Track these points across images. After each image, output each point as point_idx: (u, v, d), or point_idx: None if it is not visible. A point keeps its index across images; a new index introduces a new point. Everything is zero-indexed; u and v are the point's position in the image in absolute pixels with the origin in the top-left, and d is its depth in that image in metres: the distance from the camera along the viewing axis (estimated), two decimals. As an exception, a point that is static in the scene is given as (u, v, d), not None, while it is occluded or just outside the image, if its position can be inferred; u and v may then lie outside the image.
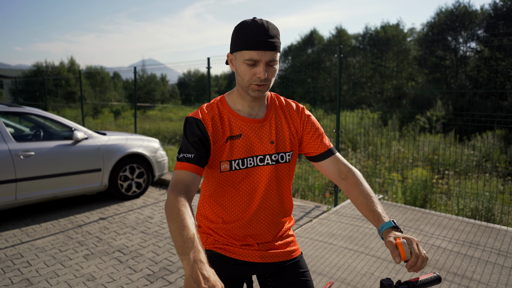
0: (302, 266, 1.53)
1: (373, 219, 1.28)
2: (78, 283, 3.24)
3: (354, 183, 1.40)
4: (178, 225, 1.08)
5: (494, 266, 3.12)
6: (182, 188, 1.22)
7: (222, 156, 1.37)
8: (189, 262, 0.95)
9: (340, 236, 3.80)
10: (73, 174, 5.01)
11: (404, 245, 1.07)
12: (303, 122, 1.48)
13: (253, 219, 1.43)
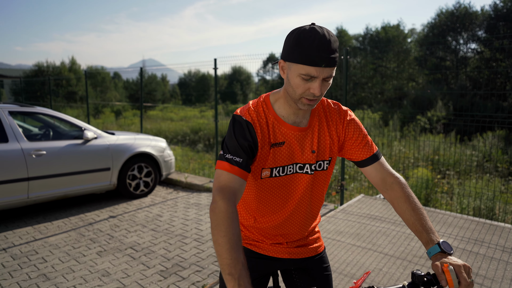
0: (325, 261, 1.60)
1: (421, 240, 1.24)
2: (94, 278, 3.33)
3: (399, 196, 1.34)
4: (227, 241, 1.08)
5: (499, 262, 3.22)
6: (231, 196, 1.20)
7: (265, 163, 1.35)
8: (235, 285, 1.00)
9: (347, 234, 3.90)
10: (83, 173, 5.10)
11: (451, 272, 1.05)
12: (345, 127, 1.43)
13: (286, 221, 1.47)
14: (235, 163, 1.25)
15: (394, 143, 10.03)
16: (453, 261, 1.10)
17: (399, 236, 3.80)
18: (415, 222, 1.26)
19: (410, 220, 1.28)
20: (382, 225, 4.06)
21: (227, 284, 1.01)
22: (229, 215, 1.15)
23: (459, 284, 1.06)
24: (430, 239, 1.21)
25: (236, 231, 1.12)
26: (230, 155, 1.26)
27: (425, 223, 1.25)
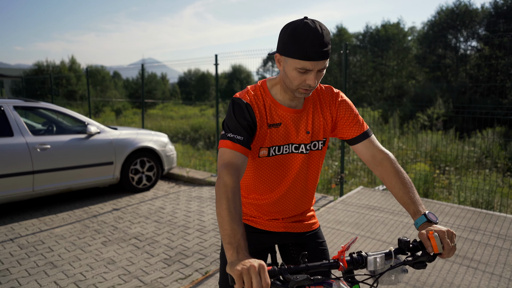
0: (320, 237, 1.70)
1: (409, 212, 1.31)
2: (100, 266, 3.42)
3: (389, 172, 1.41)
4: (228, 213, 1.15)
5: (493, 248, 3.30)
6: (235, 171, 1.27)
7: (263, 142, 1.43)
8: (233, 252, 1.06)
9: (347, 223, 3.98)
10: (86, 167, 5.19)
11: (436, 238, 1.11)
12: (337, 108, 1.51)
13: (282, 198, 1.56)
14: (236, 141, 1.33)
15: (394, 140, 10.11)
16: (437, 228, 1.17)
17: (397, 225, 3.88)
18: (403, 195, 1.34)
19: (399, 194, 1.36)
20: (381, 215, 4.15)
21: (226, 252, 1.07)
22: (232, 189, 1.23)
23: (443, 249, 1.13)
24: (417, 210, 1.28)
25: (237, 205, 1.20)
26: (232, 134, 1.35)
27: (413, 196, 1.33)
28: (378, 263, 1.10)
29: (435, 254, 1.15)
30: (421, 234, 1.17)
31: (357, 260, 1.12)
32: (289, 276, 1.02)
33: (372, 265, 1.10)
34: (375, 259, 1.10)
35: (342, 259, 1.11)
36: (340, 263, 1.10)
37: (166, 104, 26.70)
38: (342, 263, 1.10)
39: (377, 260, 1.10)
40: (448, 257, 1.16)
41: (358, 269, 1.13)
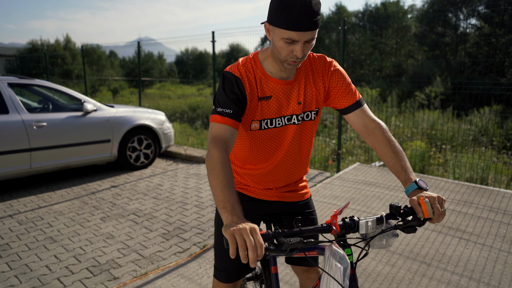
0: (311, 207, 1.74)
1: (400, 179, 1.32)
2: (99, 240, 3.47)
3: (380, 141, 1.42)
4: (219, 182, 1.17)
5: (485, 220, 3.36)
6: (223, 144, 1.29)
7: (254, 115, 1.44)
8: (228, 215, 1.07)
9: (343, 198, 4.03)
10: (84, 145, 5.19)
11: (426, 204, 1.13)
12: (330, 77, 1.50)
13: (275, 169, 1.58)
14: (225, 114, 1.35)
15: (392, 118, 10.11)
16: (428, 194, 1.18)
17: (393, 199, 3.93)
18: (395, 163, 1.36)
19: (391, 162, 1.38)
20: (377, 190, 4.19)
21: (222, 216, 1.09)
22: (221, 160, 1.25)
23: (433, 214, 1.15)
24: (408, 178, 1.29)
25: (228, 173, 1.22)
26: (221, 108, 1.36)
27: (404, 164, 1.34)
28: (370, 227, 1.13)
29: (425, 219, 1.17)
30: (412, 200, 1.19)
31: (349, 224, 1.14)
32: (283, 239, 1.05)
33: (364, 229, 1.13)
34: (367, 223, 1.12)
35: (335, 223, 1.13)
36: (333, 227, 1.12)
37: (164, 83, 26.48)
38: (335, 227, 1.13)
39: (369, 224, 1.13)
40: (438, 222, 1.18)
41: (350, 233, 1.15)
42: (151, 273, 2.87)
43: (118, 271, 2.94)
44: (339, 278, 1.04)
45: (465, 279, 2.58)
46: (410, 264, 2.79)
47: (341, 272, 1.04)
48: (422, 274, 2.66)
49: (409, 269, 2.72)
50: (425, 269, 2.72)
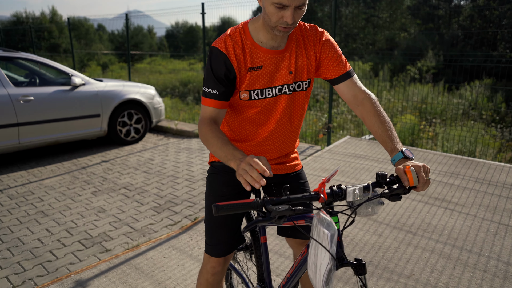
0: (303, 178, 1.74)
1: (387, 149, 1.34)
2: (90, 214, 3.49)
3: (369, 111, 1.43)
4: (216, 144, 1.26)
5: (471, 191, 3.44)
6: (210, 122, 1.39)
7: (242, 85, 1.42)
8: (235, 161, 1.16)
9: (333, 171, 4.08)
10: (73, 119, 5.14)
11: (412, 172, 1.15)
12: (321, 47, 1.49)
13: (265, 141, 1.58)
14: (212, 96, 1.40)
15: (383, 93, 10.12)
16: (413, 163, 1.22)
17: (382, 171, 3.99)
18: (382, 133, 1.37)
19: (378, 132, 1.39)
20: (366, 163, 4.25)
21: (231, 165, 1.19)
22: (211, 129, 1.35)
23: (418, 182, 1.18)
24: (395, 147, 1.31)
25: (221, 135, 1.30)
26: (208, 89, 1.41)
27: (390, 134, 1.36)
28: (357, 195, 1.15)
29: (410, 187, 1.20)
30: (398, 169, 1.21)
31: (336, 192, 1.16)
32: (271, 207, 1.06)
33: (350, 197, 1.14)
34: (354, 191, 1.14)
35: (323, 191, 1.15)
36: (321, 195, 1.14)
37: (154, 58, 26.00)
38: (323, 195, 1.14)
39: (356, 192, 1.14)
40: (422, 190, 1.22)
41: (338, 201, 1.17)
42: (143, 245, 2.91)
43: (110, 244, 2.97)
44: (327, 244, 1.07)
45: (449, 247, 2.66)
46: (397, 233, 2.86)
47: (328, 238, 1.06)
48: (408, 243, 2.73)
49: (395, 238, 2.80)
50: (410, 238, 2.79)
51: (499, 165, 4.00)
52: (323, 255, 1.08)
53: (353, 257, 2.55)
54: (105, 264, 2.67)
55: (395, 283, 2.33)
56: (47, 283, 2.47)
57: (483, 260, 2.51)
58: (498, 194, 3.38)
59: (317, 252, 1.12)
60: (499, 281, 2.32)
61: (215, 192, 1.64)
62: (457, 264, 2.48)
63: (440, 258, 2.54)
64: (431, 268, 2.46)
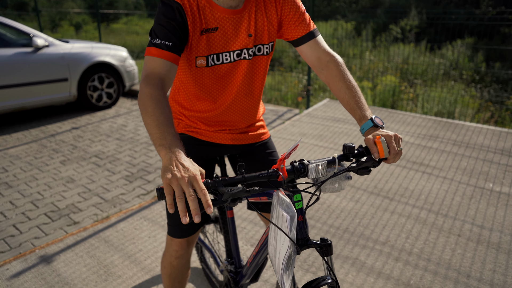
0: (270, 147, 1.62)
1: (355, 117, 1.22)
2: (58, 185, 3.33)
3: (335, 75, 1.30)
4: (154, 119, 1.02)
5: (448, 154, 3.41)
6: (157, 81, 1.13)
7: (198, 50, 1.28)
8: (167, 153, 0.92)
9: (311, 135, 3.98)
10: (37, 84, 4.83)
11: (382, 143, 1.05)
12: (282, 5, 1.36)
13: (227, 110, 1.44)
14: (164, 46, 1.17)
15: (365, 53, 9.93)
16: (384, 133, 1.10)
17: (360, 136, 3.92)
18: (349, 100, 1.24)
19: (345, 99, 1.26)
20: (345, 126, 4.16)
21: (160, 154, 0.95)
22: (154, 97, 1.08)
23: (389, 153, 1.07)
24: (363, 115, 1.19)
25: (164, 110, 1.06)
26: (158, 40, 1.18)
27: (358, 100, 1.23)
28: (320, 171, 1.03)
29: (380, 159, 1.09)
30: (367, 139, 1.10)
31: (298, 168, 1.03)
32: (223, 188, 0.93)
33: (313, 173, 1.02)
34: (317, 167, 1.02)
35: (282, 168, 1.02)
36: (280, 173, 1.01)
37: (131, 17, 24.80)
38: (282, 173, 1.02)
39: (319, 168, 1.02)
40: (393, 162, 1.12)
41: (300, 178, 1.05)
42: (113, 217, 2.80)
43: (78, 216, 2.85)
44: (286, 228, 0.96)
45: (425, 212, 2.64)
46: (374, 199, 2.82)
47: (287, 222, 0.95)
48: (384, 209, 2.70)
49: (372, 204, 2.76)
50: (387, 203, 2.76)
51: (478, 127, 3.98)
52: (283, 239, 0.98)
53: (328, 226, 2.50)
54: (73, 237, 2.55)
55: (370, 250, 2.30)
56: (9, 259, 2.35)
57: (458, 224, 2.50)
58: (475, 157, 3.36)
59: (277, 236, 1.02)
60: (472, 245, 2.31)
61: None
62: (432, 229, 2.46)
63: (416, 224, 2.52)
64: (406, 234, 2.43)
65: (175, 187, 0.85)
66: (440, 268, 2.14)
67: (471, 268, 2.14)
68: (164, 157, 0.93)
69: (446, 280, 2.06)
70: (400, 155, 1.10)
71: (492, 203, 2.71)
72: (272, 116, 4.84)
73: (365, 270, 2.15)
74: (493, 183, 2.96)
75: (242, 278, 1.57)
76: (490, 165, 3.23)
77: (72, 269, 2.26)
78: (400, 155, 1.10)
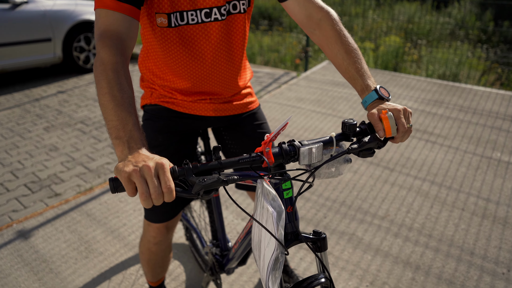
0: (259, 118, 1.41)
1: (356, 88, 1.02)
2: (40, 153, 3.16)
3: (330, 36, 1.06)
4: (111, 99, 0.82)
5: (454, 121, 3.21)
6: (116, 41, 0.91)
7: (159, 5, 1.06)
8: (123, 149, 0.75)
9: (308, 100, 3.76)
10: (17, 45, 4.53)
11: (389, 119, 0.87)
12: None
13: (203, 81, 1.22)
14: None
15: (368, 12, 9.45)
16: (391, 107, 0.90)
17: (360, 100, 3.69)
18: (348, 67, 1.02)
19: (343, 65, 1.03)
20: (345, 91, 3.93)
21: (116, 149, 0.78)
22: (113, 66, 0.87)
23: (397, 131, 0.88)
24: (366, 86, 0.98)
25: (123, 86, 0.86)
26: None
27: (360, 67, 1.01)
28: (314, 155, 0.82)
29: (386, 139, 0.89)
30: (371, 114, 0.90)
31: (287, 151, 0.83)
32: (194, 178, 0.74)
33: (306, 159, 0.82)
34: (310, 150, 0.82)
35: (268, 152, 0.82)
36: (264, 157, 0.81)
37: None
38: (267, 158, 0.82)
39: (313, 151, 0.82)
40: (402, 141, 0.93)
41: (290, 162, 0.86)
42: (97, 188, 2.64)
43: (60, 187, 2.69)
44: (272, 226, 0.78)
45: (427, 184, 2.48)
46: (373, 170, 2.65)
47: (273, 219, 0.77)
48: (384, 180, 2.54)
49: (371, 175, 2.59)
50: (387, 174, 2.59)
51: (486, 92, 3.75)
52: (268, 238, 0.80)
53: (324, 199, 2.35)
54: (53, 210, 2.41)
55: (368, 225, 2.16)
56: (-16, 235, 2.21)
57: (462, 197, 2.35)
58: (482, 124, 3.16)
59: (261, 232, 0.84)
60: (477, 219, 2.17)
61: (149, 142, 1.30)
62: (435, 203, 2.31)
63: (417, 197, 2.37)
64: (407, 207, 2.29)
65: (138, 182, 0.68)
66: (442, 245, 2.01)
67: (475, 245, 2.01)
68: (121, 153, 0.75)
69: (448, 258, 1.93)
70: (410, 133, 0.91)
71: (500, 174, 2.55)
72: (268, 80, 4.59)
73: (362, 246, 2.02)
74: (501, 152, 2.78)
75: (229, 262, 1.43)
76: (498, 132, 3.04)
77: (51, 245, 2.13)
78: (410, 133, 0.91)
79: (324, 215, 2.25)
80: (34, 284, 1.87)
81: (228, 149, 1.42)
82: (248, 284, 1.83)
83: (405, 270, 1.87)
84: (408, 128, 0.89)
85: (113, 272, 1.95)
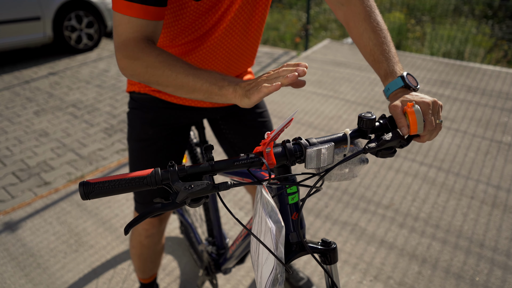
0: (259, 106, 1.28)
1: (379, 73, 0.88)
2: (30, 139, 3.03)
3: (357, 12, 0.93)
4: (185, 73, 0.76)
5: (462, 102, 3.07)
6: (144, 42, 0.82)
7: None
8: (234, 84, 0.72)
9: (308, 82, 3.61)
10: (3, 24, 4.33)
11: (416, 113, 0.73)
12: None
13: (208, 54, 1.05)
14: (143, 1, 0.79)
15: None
16: (419, 98, 0.75)
17: (363, 81, 3.54)
18: (373, 47, 0.87)
19: (368, 46, 0.88)
20: (347, 71, 3.76)
21: (227, 92, 0.73)
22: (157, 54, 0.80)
23: (424, 129, 0.73)
24: (391, 71, 0.83)
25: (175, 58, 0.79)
26: None
27: (387, 50, 0.86)
28: (325, 158, 0.68)
29: (410, 136, 0.75)
30: (394, 107, 0.75)
31: (292, 152, 0.69)
32: (179, 184, 0.62)
33: (313, 162, 0.68)
34: (319, 152, 0.67)
35: (269, 152, 0.68)
36: (263, 160, 0.67)
37: None
38: (267, 159, 0.68)
39: (323, 153, 0.67)
40: (429, 140, 0.81)
41: (295, 164, 0.72)
42: (88, 176, 2.53)
43: (50, 175, 2.58)
44: (270, 242, 0.65)
45: (434, 170, 2.36)
46: (377, 155, 2.53)
47: (272, 234, 0.64)
48: (389, 167, 2.42)
49: (375, 161, 2.47)
50: (392, 160, 2.48)
51: (495, 71, 3.59)
52: (267, 254, 0.68)
53: (326, 187, 2.23)
54: (42, 201, 2.30)
55: (372, 215, 2.06)
56: (-31, 228, 2.11)
57: (471, 184, 2.24)
58: (492, 106, 3.02)
59: (259, 249, 0.72)
60: (487, 208, 2.07)
61: (138, 134, 1.17)
62: (442, 191, 2.20)
63: (423, 184, 2.26)
64: (413, 196, 2.18)
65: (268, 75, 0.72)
66: (449, 236, 1.91)
67: (485, 236, 1.91)
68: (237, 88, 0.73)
69: (457, 250, 1.83)
70: (439, 131, 0.77)
71: (511, 159, 2.43)
72: (267, 60, 4.41)
73: (366, 238, 1.92)
74: None
75: (225, 262, 1.32)
76: (509, 115, 2.90)
77: (39, 238, 2.03)
78: (439, 130, 0.76)
79: (326, 204, 2.15)
80: (21, 280, 1.78)
81: (226, 140, 1.29)
82: (245, 279, 1.74)
83: (411, 263, 1.78)
84: (437, 125, 0.75)
85: (104, 267, 1.85)
